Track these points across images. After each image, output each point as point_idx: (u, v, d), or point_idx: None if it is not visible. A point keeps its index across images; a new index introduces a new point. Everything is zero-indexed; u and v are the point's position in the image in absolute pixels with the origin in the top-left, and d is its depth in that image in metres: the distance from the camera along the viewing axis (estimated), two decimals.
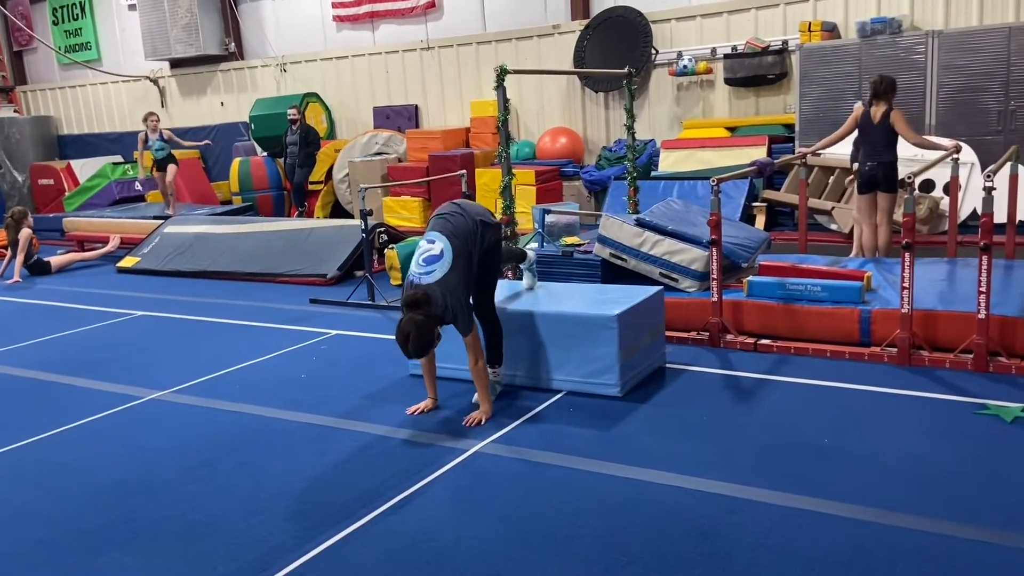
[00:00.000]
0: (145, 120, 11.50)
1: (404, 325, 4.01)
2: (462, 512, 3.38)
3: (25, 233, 9.55)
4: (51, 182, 14.59)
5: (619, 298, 4.80)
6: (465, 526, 3.26)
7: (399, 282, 7.85)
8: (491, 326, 4.56)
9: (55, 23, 16.36)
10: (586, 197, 10.48)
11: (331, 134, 13.31)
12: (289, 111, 11.97)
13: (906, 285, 4.77)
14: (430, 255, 4.18)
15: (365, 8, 12.67)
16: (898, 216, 6.51)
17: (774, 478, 3.50)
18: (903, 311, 4.83)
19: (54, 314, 7.68)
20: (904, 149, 6.59)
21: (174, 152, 11.56)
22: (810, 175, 7.94)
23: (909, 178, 4.83)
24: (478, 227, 4.33)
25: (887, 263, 6.09)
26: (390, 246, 8.18)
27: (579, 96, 11.31)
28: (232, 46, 14.14)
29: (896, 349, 4.88)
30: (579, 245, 6.40)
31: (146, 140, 11.49)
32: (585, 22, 10.87)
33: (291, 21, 13.56)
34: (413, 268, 4.20)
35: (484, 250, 4.36)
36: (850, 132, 6.72)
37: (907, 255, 4.75)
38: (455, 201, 4.54)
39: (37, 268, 9.74)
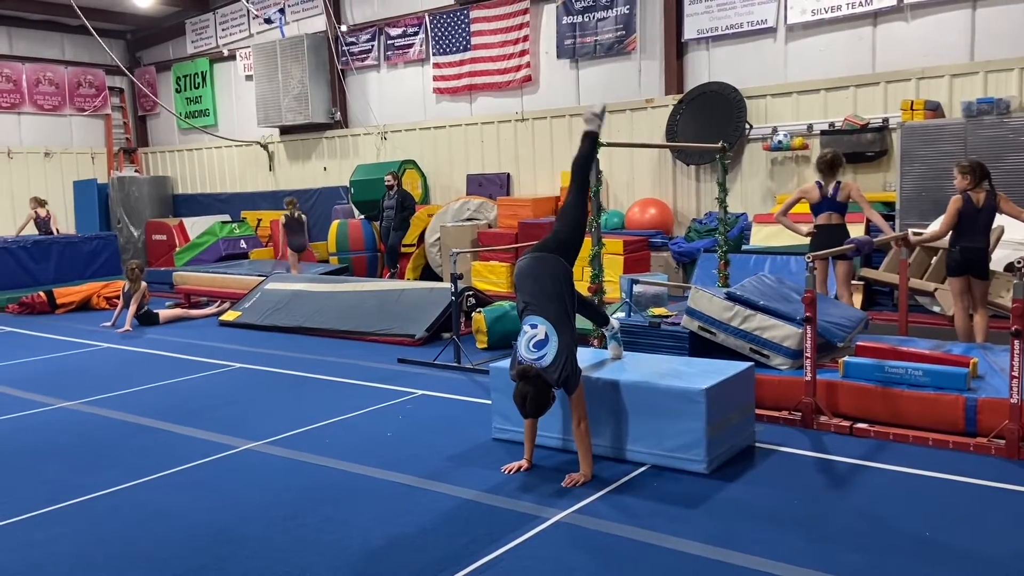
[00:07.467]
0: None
1: (522, 388, 4.32)
2: None
3: (143, 286, 10.22)
4: (164, 237, 15.55)
5: (707, 372, 4.74)
6: None
7: (485, 345, 7.95)
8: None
9: (178, 91, 17.68)
10: (674, 268, 10.43)
11: (425, 199, 13.77)
12: (387, 177, 12.47)
13: (1015, 374, 4.54)
14: (538, 340, 4.34)
15: (465, 82, 13.21)
16: (1006, 301, 6.23)
17: (871, 570, 3.33)
18: (1012, 401, 4.58)
19: (159, 363, 8.09)
20: (1013, 233, 6.34)
21: None
22: (912, 254, 7.69)
23: (1019, 263, 4.65)
24: (563, 290, 4.51)
25: (994, 349, 5.81)
26: (478, 310, 8.32)
27: (670, 168, 11.37)
28: (338, 115, 14.92)
29: (1004, 441, 4.62)
30: (667, 316, 6.36)
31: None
32: (678, 97, 11.01)
33: (394, 93, 14.24)
34: (524, 352, 4.36)
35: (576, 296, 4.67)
36: (956, 221, 6.36)
37: (1016, 342, 4.53)
38: (531, 273, 4.55)
39: (146, 319, 10.31)
